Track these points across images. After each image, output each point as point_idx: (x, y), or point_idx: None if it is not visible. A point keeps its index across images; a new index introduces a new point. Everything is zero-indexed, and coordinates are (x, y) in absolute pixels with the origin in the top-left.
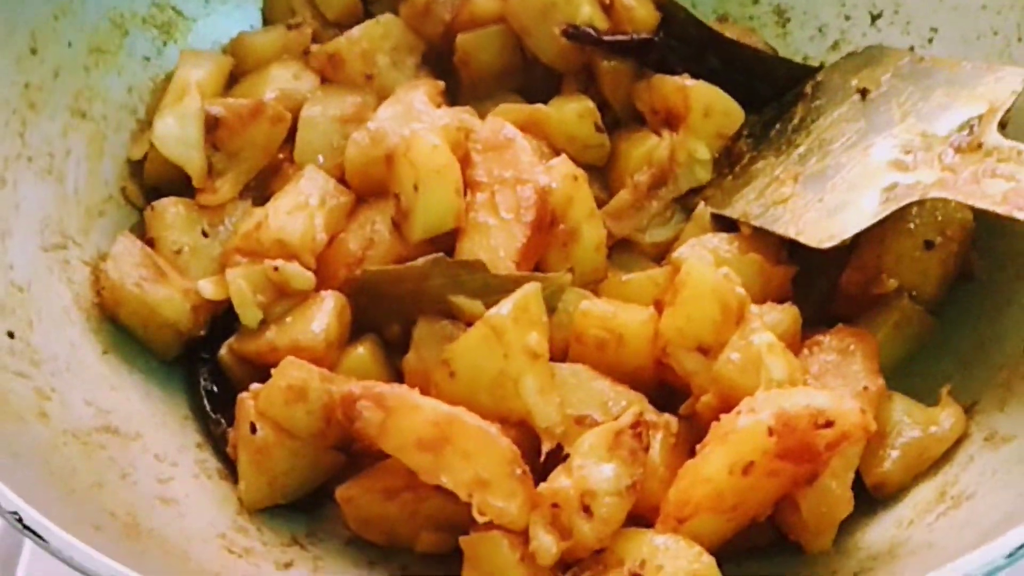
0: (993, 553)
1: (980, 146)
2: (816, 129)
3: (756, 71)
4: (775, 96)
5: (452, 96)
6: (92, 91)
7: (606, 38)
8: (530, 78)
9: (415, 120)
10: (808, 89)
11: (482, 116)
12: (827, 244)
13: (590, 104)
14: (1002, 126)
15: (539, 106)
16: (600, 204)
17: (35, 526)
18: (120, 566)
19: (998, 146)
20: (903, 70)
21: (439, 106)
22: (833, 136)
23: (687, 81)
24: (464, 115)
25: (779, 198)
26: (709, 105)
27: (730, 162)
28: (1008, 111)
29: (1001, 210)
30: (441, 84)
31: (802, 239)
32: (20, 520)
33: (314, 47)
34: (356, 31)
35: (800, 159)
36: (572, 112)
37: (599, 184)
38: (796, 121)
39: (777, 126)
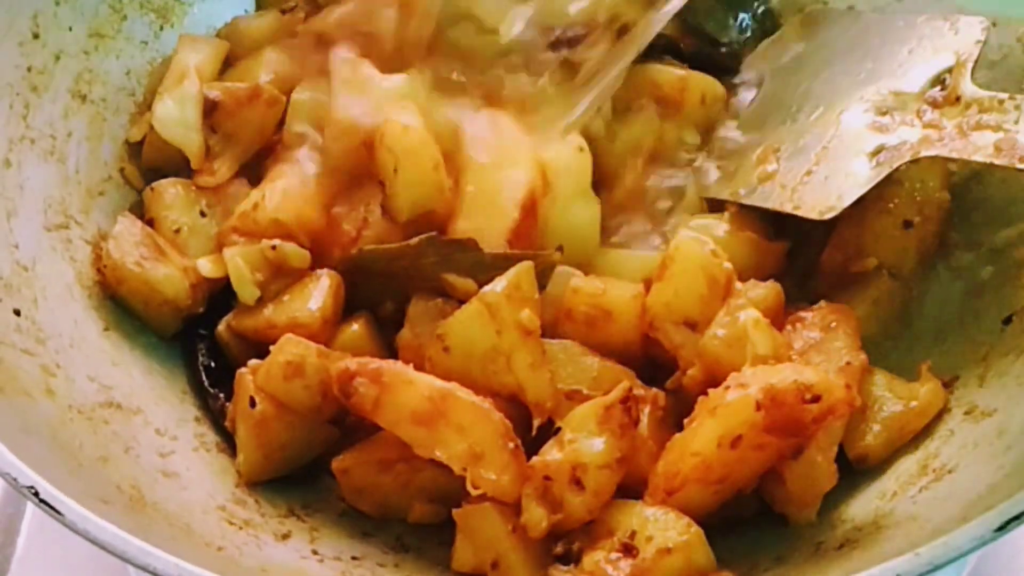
0: (983, 527)
1: (958, 99)
2: (777, 101)
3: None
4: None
5: None
6: (92, 74)
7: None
8: None
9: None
10: (752, 61)
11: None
12: (828, 215)
13: None
14: None
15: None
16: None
17: (51, 500)
18: (133, 538)
19: (976, 97)
20: (852, 30)
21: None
22: (799, 106)
23: (681, 71)
24: (453, 97)
25: (764, 176)
26: (705, 93)
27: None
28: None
29: (999, 161)
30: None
31: (801, 213)
32: (36, 494)
33: None
34: None
35: (773, 134)
36: None
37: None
38: (753, 95)
39: (733, 101)
